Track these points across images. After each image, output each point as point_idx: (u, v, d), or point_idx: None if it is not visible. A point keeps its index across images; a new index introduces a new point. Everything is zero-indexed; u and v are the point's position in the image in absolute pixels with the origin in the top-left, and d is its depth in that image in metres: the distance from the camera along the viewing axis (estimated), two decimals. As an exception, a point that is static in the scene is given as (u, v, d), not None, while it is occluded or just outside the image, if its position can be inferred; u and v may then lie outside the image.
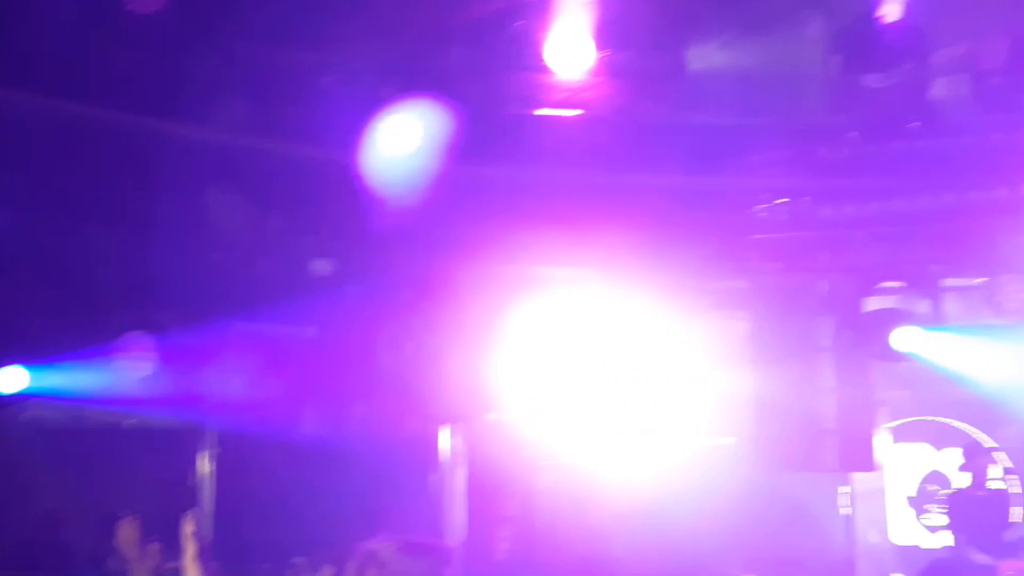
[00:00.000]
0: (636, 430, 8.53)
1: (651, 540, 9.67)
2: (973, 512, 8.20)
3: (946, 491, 9.29)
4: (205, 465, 9.42)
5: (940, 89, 6.16)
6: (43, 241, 6.05)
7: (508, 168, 6.35)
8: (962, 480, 8.69)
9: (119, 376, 6.72)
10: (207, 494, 9.36)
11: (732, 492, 9.70)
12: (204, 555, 3.35)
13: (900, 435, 9.97)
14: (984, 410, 8.84)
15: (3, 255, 6.03)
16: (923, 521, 9.95)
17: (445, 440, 8.41)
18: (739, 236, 6.78)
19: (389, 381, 9.85)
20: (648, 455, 10.79)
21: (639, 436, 8.66)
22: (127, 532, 3.65)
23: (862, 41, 6.29)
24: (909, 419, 9.83)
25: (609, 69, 6.06)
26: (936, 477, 10.09)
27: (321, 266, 6.54)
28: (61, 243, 6.08)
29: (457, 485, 8.42)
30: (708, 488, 9.87)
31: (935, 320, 7.32)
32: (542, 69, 6.12)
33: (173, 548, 3.53)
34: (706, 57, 6.25)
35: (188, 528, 3.31)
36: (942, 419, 9.81)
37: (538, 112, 6.20)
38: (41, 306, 6.32)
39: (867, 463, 7.33)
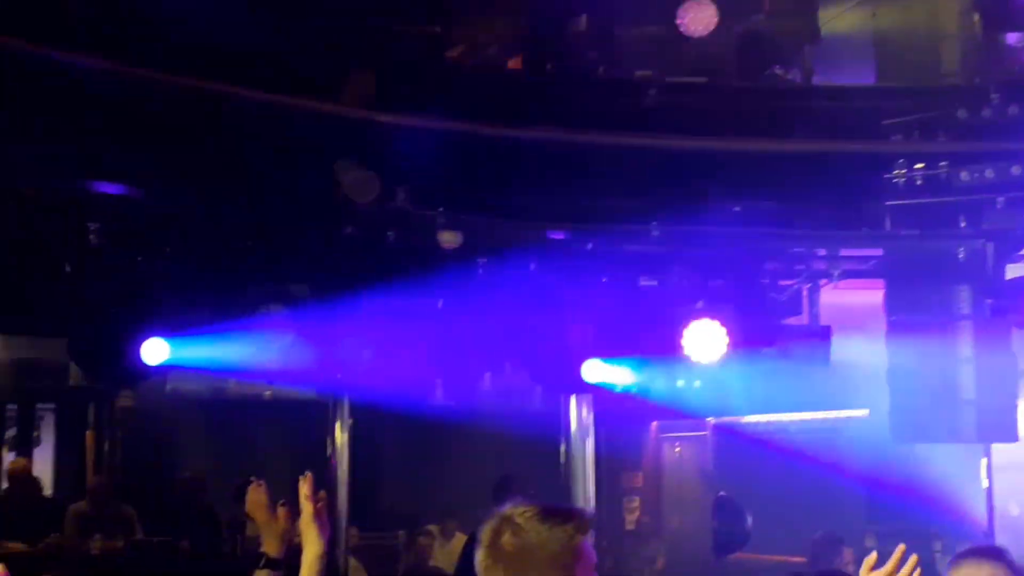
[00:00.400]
0: (770, 402, 8.43)
1: (778, 512, 9.59)
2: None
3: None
4: (340, 435, 9.63)
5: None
6: (184, 216, 6.25)
7: (635, 138, 6.32)
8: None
9: (257, 348, 6.90)
10: (342, 464, 9.57)
11: (867, 464, 9.53)
12: (320, 517, 3.35)
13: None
14: None
15: (146, 230, 6.26)
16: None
17: (573, 411, 8.42)
18: (875, 202, 6.61)
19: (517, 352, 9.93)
20: (778, 426, 10.68)
21: (771, 408, 8.56)
22: (255, 496, 3.69)
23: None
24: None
25: (742, 35, 5.98)
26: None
27: (449, 239, 6.58)
28: (201, 218, 6.27)
29: (586, 456, 8.43)
30: (842, 459, 9.73)
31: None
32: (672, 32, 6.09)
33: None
34: (841, 19, 6.11)
35: (304, 489, 3.30)
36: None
37: (670, 79, 6.15)
38: (182, 280, 6.52)
39: (1008, 434, 7.10)
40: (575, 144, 6.31)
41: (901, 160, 6.44)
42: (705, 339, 7.09)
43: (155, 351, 6.41)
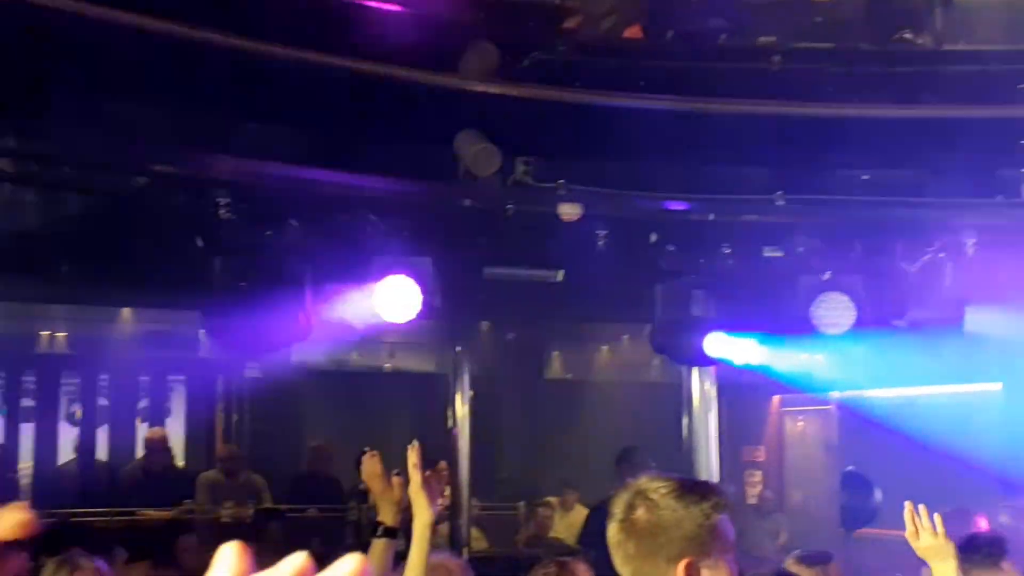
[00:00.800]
0: (898, 376, 8.22)
1: (907, 488, 9.35)
2: None
3: None
4: (461, 407, 9.72)
5: None
6: (314, 191, 6.35)
7: (759, 106, 6.19)
8: None
9: (382, 319, 6.98)
10: (463, 435, 9.66)
11: (1001, 438, 9.25)
12: (430, 486, 3.34)
13: None
14: None
15: (280, 205, 6.37)
16: None
17: (696, 383, 8.34)
18: (1009, 169, 6.38)
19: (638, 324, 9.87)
20: (907, 400, 10.42)
21: (900, 382, 8.34)
22: (370, 466, 3.73)
23: None
24: None
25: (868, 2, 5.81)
26: None
27: (569, 211, 6.56)
28: (329, 192, 6.36)
29: (709, 429, 8.35)
30: (975, 434, 9.45)
31: None
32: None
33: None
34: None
35: (413, 458, 3.31)
36: None
37: (796, 45, 6.00)
38: (311, 253, 6.64)
39: None
40: (696, 113, 6.21)
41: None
42: (832, 311, 6.94)
43: (288, 331, 6.53)
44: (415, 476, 3.31)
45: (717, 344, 7.36)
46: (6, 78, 5.53)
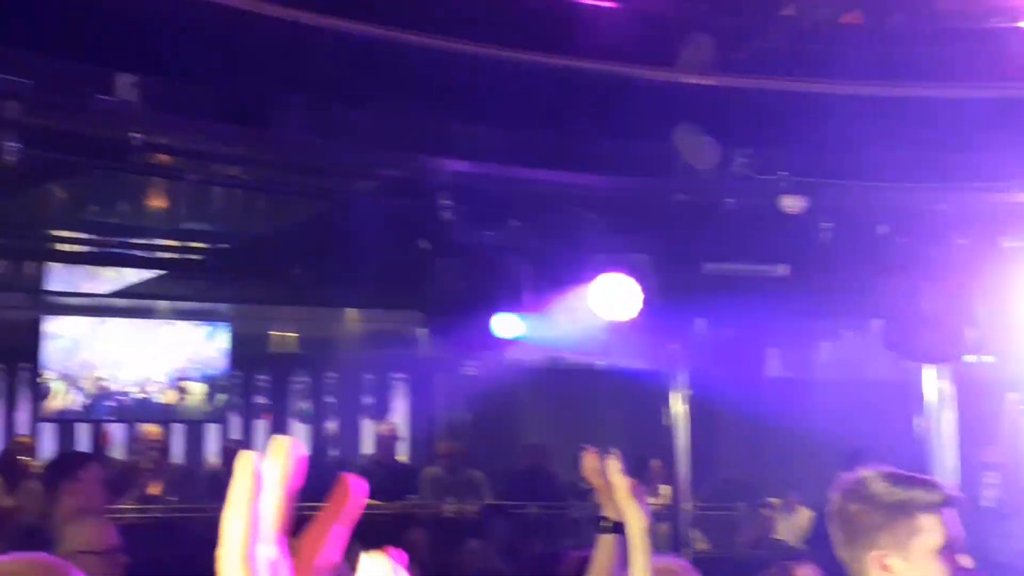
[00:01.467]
0: None
1: None
2: None
3: None
4: (678, 405, 9.59)
5: None
6: (534, 190, 6.41)
7: (1001, 89, 5.86)
8: None
9: (594, 320, 6.97)
10: (680, 434, 9.54)
11: None
12: (638, 492, 3.26)
13: None
14: None
15: (501, 205, 6.46)
16: None
17: (931, 382, 7.96)
18: None
19: (860, 320, 9.52)
20: None
21: None
22: (589, 463, 3.68)
23: None
24: None
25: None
26: None
27: (792, 204, 6.38)
28: (548, 191, 6.41)
29: (944, 429, 7.95)
30: None
31: None
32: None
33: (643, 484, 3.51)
34: None
35: (614, 466, 3.22)
36: None
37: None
38: (530, 253, 6.69)
39: None
40: (931, 99, 5.93)
41: None
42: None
43: (507, 325, 6.60)
44: (620, 483, 3.24)
45: (953, 339, 6.99)
46: (236, 87, 5.80)
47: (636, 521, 3.17)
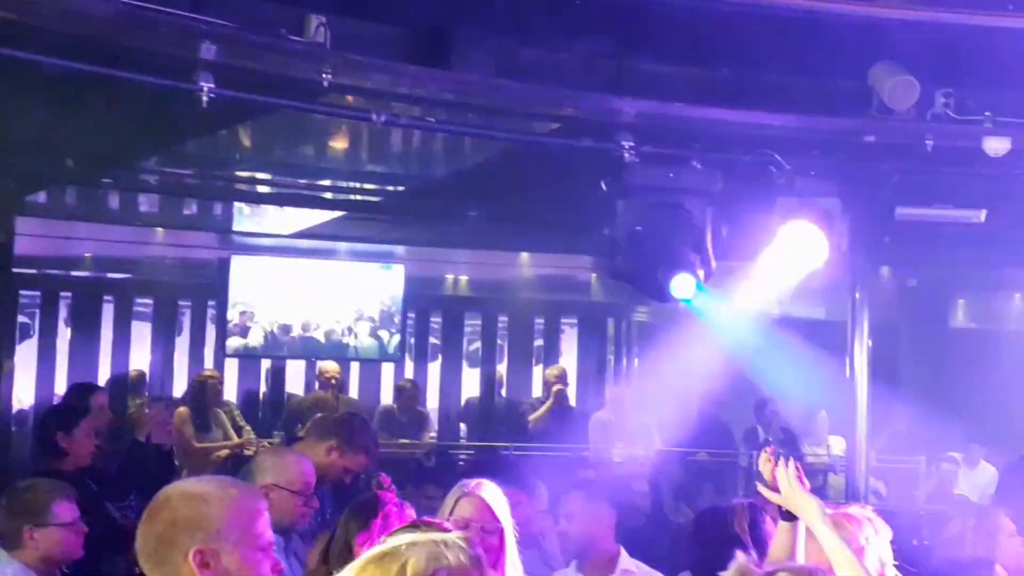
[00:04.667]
0: None
1: None
2: None
3: None
4: (859, 356, 9.29)
5: None
6: (718, 130, 6.23)
7: None
8: None
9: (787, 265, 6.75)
10: (862, 385, 9.24)
11: None
12: (800, 481, 3.26)
13: None
14: None
15: (684, 145, 6.30)
16: None
17: None
18: None
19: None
20: None
21: None
22: (766, 467, 3.60)
23: None
24: None
25: None
26: None
27: (996, 146, 6.03)
28: (733, 131, 6.22)
29: None
30: None
31: None
32: None
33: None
34: None
35: (767, 466, 3.30)
36: None
37: None
38: (709, 197, 6.52)
39: None
40: None
41: None
42: None
43: (683, 286, 6.44)
44: (783, 483, 3.18)
45: None
46: (412, 25, 5.78)
47: (810, 511, 3.12)
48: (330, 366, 10.29)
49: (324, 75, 5.16)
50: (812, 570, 3.01)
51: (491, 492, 3.59)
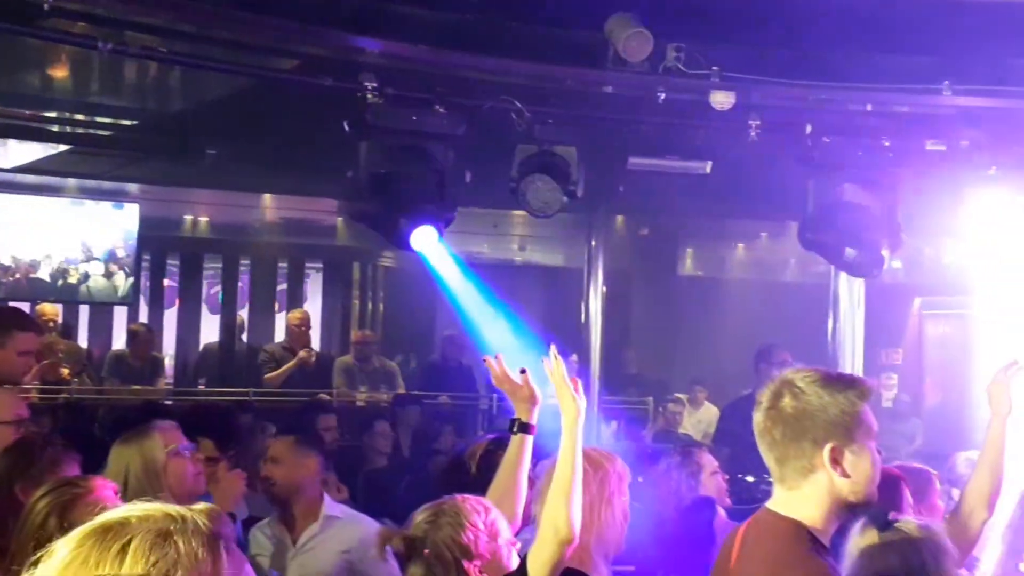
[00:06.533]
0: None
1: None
2: None
3: None
4: (594, 302, 9.66)
5: None
6: (462, 75, 6.26)
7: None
8: None
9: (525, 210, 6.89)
10: (595, 330, 9.62)
11: None
12: (573, 381, 3.28)
13: None
14: None
15: (427, 89, 6.29)
16: None
17: (844, 285, 8.08)
18: None
19: (779, 222, 9.53)
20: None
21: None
22: (494, 371, 3.75)
23: None
24: None
25: None
26: None
27: (722, 100, 6.33)
28: (476, 77, 6.27)
29: (855, 331, 8.12)
30: None
31: None
32: None
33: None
34: None
35: (552, 350, 3.28)
36: None
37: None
38: (451, 142, 6.56)
39: None
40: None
41: None
42: (995, 212, 6.64)
43: (423, 238, 6.49)
44: (555, 379, 3.23)
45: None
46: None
47: (568, 412, 3.19)
48: (48, 308, 9.79)
49: (45, -2, 4.85)
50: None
51: None
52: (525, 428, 3.71)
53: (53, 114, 8.45)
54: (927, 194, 7.11)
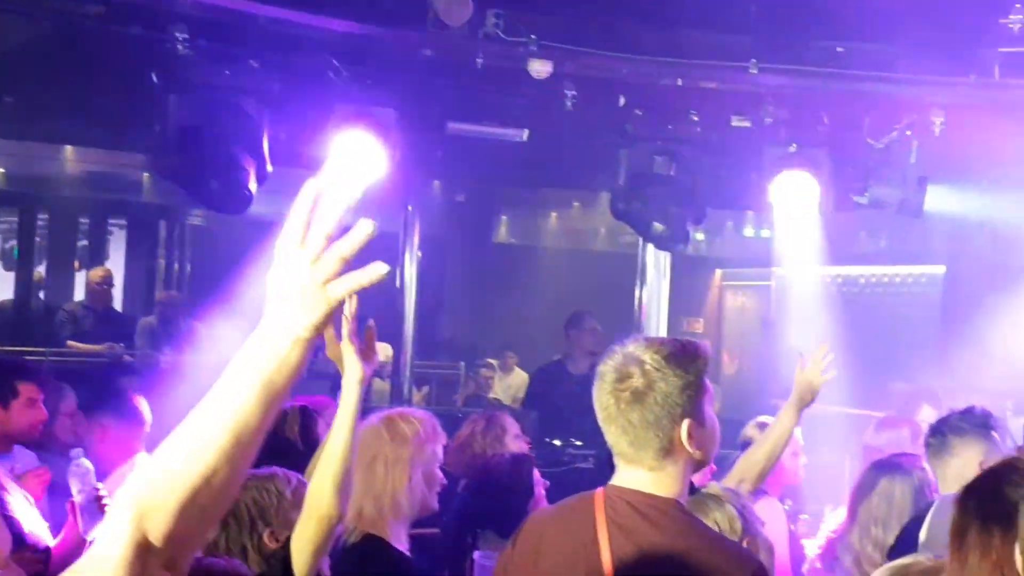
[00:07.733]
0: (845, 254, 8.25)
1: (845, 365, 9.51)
2: None
3: None
4: (409, 267, 9.64)
5: None
6: (278, 30, 6.11)
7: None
8: None
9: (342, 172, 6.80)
10: (410, 295, 9.61)
11: (938, 320, 9.41)
12: (362, 343, 3.06)
13: None
14: None
15: (241, 43, 6.12)
16: None
17: (651, 253, 8.31)
18: (985, 49, 6.34)
19: (586, 192, 9.68)
20: (849, 279, 10.47)
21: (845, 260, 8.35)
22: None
23: None
24: None
25: None
26: None
27: (539, 68, 6.40)
28: (292, 32, 6.13)
29: (661, 299, 8.38)
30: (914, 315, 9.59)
31: None
32: None
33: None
34: None
35: (350, 308, 3.04)
36: None
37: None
38: (265, 98, 6.41)
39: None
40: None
41: (1018, 5, 6.12)
42: (795, 188, 6.94)
43: (236, 200, 6.31)
44: (346, 325, 3.03)
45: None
46: None
47: (351, 371, 3.01)
48: None
49: None
50: None
51: None
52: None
53: None
54: (731, 168, 7.36)
